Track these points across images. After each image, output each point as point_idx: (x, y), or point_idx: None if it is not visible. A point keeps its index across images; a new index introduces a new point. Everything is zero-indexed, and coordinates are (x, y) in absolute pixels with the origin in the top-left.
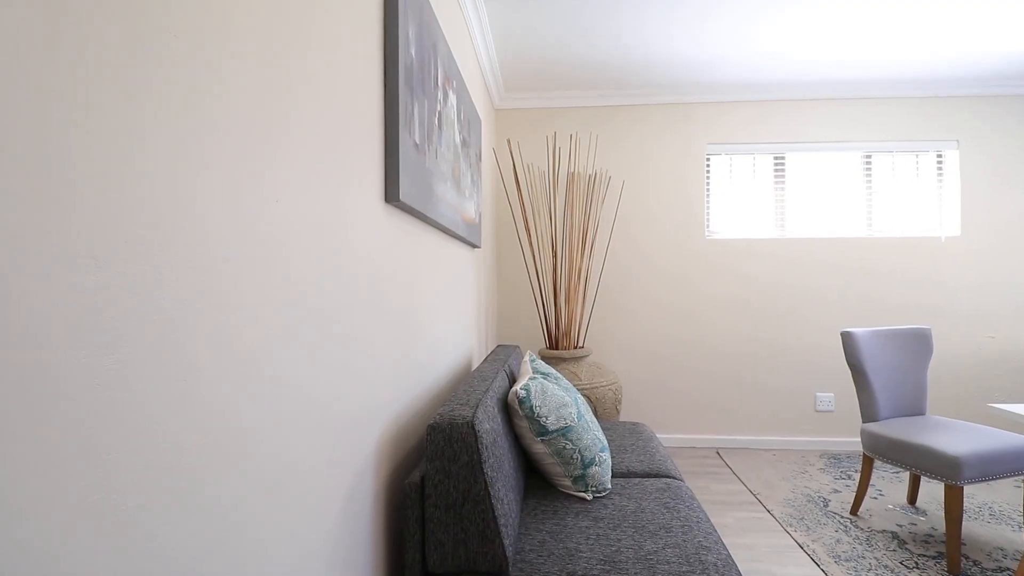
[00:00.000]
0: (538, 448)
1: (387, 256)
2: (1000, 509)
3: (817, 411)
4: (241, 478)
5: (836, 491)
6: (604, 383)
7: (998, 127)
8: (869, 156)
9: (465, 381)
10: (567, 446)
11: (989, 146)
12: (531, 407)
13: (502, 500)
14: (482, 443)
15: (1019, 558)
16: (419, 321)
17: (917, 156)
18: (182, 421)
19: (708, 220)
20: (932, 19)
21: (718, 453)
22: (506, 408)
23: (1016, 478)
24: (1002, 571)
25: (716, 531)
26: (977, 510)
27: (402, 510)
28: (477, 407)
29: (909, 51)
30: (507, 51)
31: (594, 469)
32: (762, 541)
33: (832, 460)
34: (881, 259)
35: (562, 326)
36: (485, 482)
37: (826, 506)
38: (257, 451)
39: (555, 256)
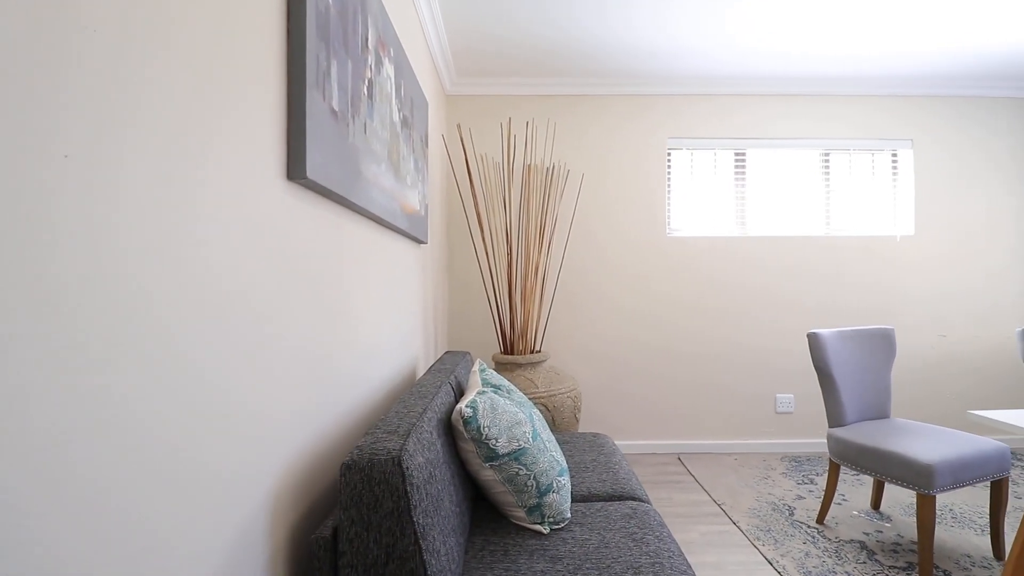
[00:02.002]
0: (487, 475)
1: (289, 247)
2: (961, 511)
3: (777, 413)
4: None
5: (800, 497)
6: (563, 390)
7: (950, 127)
8: (827, 154)
9: (401, 399)
10: (520, 471)
11: (942, 146)
12: (478, 428)
13: (438, 552)
14: (412, 483)
15: (986, 565)
16: (340, 327)
17: (873, 155)
18: None
19: (669, 217)
20: (890, 16)
21: (679, 459)
22: (450, 429)
23: (982, 482)
24: None
25: (691, 568)
26: (939, 513)
27: (308, 574)
28: (408, 436)
29: (867, 47)
30: (458, 31)
31: (551, 497)
32: (730, 558)
33: (793, 463)
34: (839, 258)
35: (517, 328)
36: (415, 533)
37: (792, 515)
38: (78, 485)
39: (510, 253)
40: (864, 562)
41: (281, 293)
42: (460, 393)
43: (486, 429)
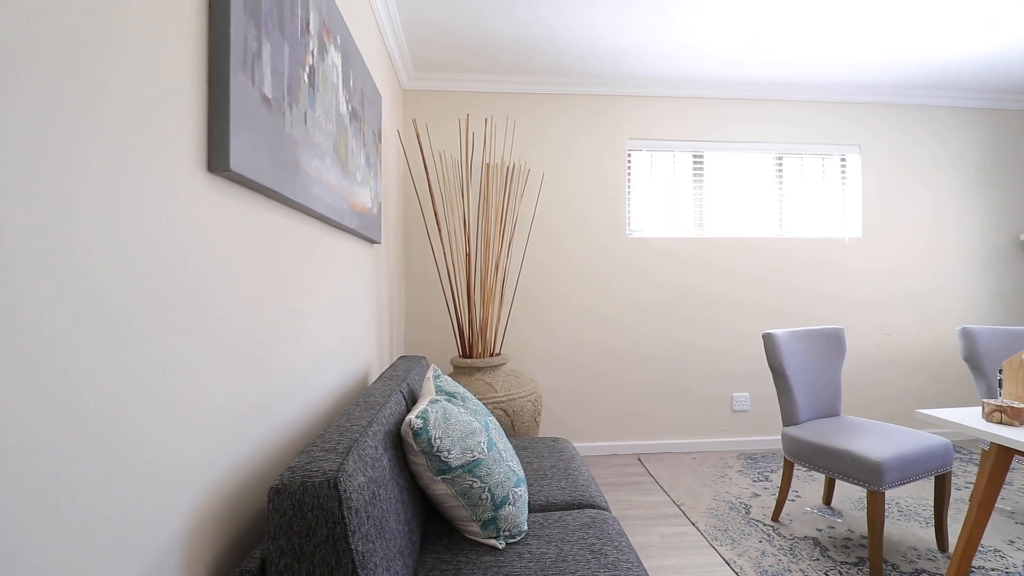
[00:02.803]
0: (438, 489)
1: (210, 247)
2: (907, 504)
3: (734, 411)
4: None
5: (756, 495)
6: (522, 394)
7: (896, 134)
8: (781, 158)
9: (345, 411)
10: (474, 484)
11: (887, 152)
12: (429, 440)
13: None
14: (349, 507)
15: (931, 557)
16: (278, 329)
17: (823, 159)
18: None
19: (629, 218)
20: (839, 27)
21: (639, 459)
22: (400, 441)
23: (927, 477)
24: (920, 573)
25: None
26: (886, 506)
27: None
28: (348, 454)
29: (816, 55)
30: (415, 23)
31: (507, 509)
32: (689, 560)
33: (749, 461)
34: (792, 259)
35: (476, 328)
36: (353, 562)
37: (748, 513)
38: None
39: (469, 254)
40: (817, 559)
41: (199, 296)
42: (413, 401)
43: (438, 441)
